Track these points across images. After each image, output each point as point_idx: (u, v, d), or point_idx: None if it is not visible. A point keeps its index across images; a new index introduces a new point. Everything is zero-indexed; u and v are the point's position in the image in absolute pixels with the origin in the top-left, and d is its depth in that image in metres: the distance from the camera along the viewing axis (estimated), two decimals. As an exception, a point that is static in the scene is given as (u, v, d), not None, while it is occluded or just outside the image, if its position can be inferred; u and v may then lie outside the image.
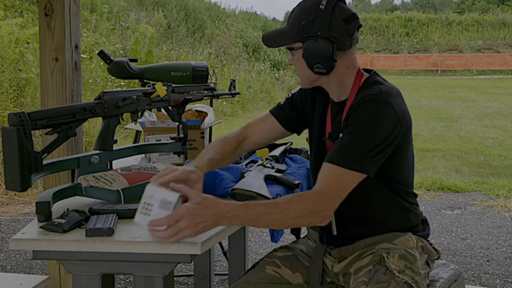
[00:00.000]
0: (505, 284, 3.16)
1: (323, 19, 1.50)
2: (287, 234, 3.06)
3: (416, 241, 1.61)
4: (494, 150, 7.55)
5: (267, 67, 16.13)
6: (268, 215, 1.36)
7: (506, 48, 29.04)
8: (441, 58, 27.63)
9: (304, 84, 1.65)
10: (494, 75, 25.09)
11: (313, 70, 1.54)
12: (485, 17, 32.72)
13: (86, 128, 6.02)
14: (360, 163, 1.44)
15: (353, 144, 1.46)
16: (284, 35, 1.58)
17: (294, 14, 1.58)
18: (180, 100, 1.90)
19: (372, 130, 1.46)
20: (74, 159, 1.69)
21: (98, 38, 10.09)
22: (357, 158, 1.44)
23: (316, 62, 1.52)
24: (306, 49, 1.52)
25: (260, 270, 1.62)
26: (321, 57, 1.51)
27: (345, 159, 1.44)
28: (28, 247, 1.38)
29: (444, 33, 31.18)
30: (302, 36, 1.53)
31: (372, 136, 1.45)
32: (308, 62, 1.54)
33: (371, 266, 1.49)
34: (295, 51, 1.57)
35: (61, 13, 2.58)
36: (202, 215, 1.30)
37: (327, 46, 1.50)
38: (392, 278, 1.46)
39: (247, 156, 2.12)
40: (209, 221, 1.31)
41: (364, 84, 1.59)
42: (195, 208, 1.30)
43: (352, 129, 1.47)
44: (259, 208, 1.37)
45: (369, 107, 1.48)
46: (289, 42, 1.57)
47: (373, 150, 1.45)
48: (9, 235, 4.05)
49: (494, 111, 12.00)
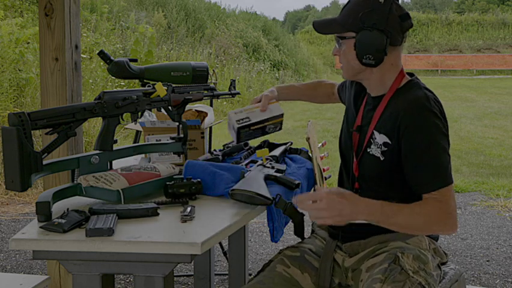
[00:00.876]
0: (505, 284, 3.16)
1: (382, 12, 1.54)
2: (287, 234, 3.06)
3: (429, 243, 1.63)
4: (494, 150, 7.55)
5: (267, 67, 16.13)
6: (401, 218, 1.45)
7: (506, 48, 29.04)
8: (441, 58, 27.62)
9: (347, 75, 1.69)
10: (494, 75, 25.08)
11: (362, 61, 1.57)
12: (485, 17, 32.72)
13: (86, 128, 6.02)
14: (450, 175, 1.51)
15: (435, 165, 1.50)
16: (337, 23, 1.62)
17: (351, 5, 1.61)
18: (180, 100, 1.90)
19: (439, 143, 1.52)
20: (74, 159, 1.69)
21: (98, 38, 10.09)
22: (446, 173, 1.50)
23: (367, 53, 1.56)
24: (359, 39, 1.56)
25: (271, 270, 1.63)
26: (374, 48, 1.55)
27: (440, 179, 1.49)
28: (28, 247, 1.38)
29: (444, 33, 31.18)
30: (357, 26, 1.56)
31: (442, 150, 1.51)
32: (359, 52, 1.57)
33: (386, 265, 1.50)
34: (346, 40, 1.60)
35: (61, 13, 2.58)
36: (340, 203, 1.40)
37: (382, 38, 1.54)
38: (407, 278, 1.47)
39: (247, 156, 2.12)
40: (346, 210, 1.40)
41: (405, 85, 1.63)
42: (335, 194, 1.40)
43: (421, 149, 1.51)
44: (393, 207, 1.45)
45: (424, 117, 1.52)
46: (342, 31, 1.60)
47: (448, 157, 1.53)
48: (9, 235, 4.05)
49: (494, 111, 11.99)
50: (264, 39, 18.00)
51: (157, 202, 1.59)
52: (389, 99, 1.61)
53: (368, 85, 1.68)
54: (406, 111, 1.54)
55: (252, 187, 1.62)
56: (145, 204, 1.55)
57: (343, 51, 1.62)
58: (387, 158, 1.58)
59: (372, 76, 1.64)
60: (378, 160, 1.59)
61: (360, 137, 1.67)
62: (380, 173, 1.60)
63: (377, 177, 1.62)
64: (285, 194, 1.73)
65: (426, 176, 1.51)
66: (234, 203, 1.63)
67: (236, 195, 1.61)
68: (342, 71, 1.68)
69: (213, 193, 1.74)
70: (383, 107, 1.62)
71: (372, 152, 1.61)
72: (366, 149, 1.63)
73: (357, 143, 1.67)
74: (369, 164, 1.62)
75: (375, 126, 1.61)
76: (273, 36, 19.44)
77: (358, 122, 1.69)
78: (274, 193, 1.65)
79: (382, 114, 1.61)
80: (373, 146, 1.61)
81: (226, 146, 2.22)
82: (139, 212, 1.51)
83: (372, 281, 1.46)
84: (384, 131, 1.59)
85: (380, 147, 1.59)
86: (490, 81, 21.93)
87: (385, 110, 1.61)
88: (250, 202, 1.61)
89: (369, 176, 1.64)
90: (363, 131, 1.66)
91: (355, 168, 1.66)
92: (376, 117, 1.62)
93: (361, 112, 1.70)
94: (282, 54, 18.13)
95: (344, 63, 1.65)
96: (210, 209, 1.62)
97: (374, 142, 1.61)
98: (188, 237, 1.37)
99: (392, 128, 1.56)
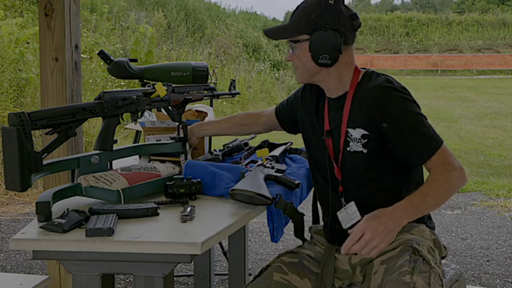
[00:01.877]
0: (505, 284, 3.16)
1: (333, 12, 1.57)
2: (287, 234, 3.05)
3: (430, 233, 1.65)
4: (494, 150, 7.55)
5: (267, 67, 16.13)
6: (429, 197, 1.49)
7: (506, 48, 29.04)
8: (441, 58, 27.62)
9: (303, 78, 1.70)
10: (494, 75, 25.08)
11: (318, 61, 1.59)
12: (485, 17, 32.71)
13: (86, 128, 6.02)
14: (438, 135, 1.58)
15: (423, 133, 1.56)
16: (289, 28, 1.64)
17: (300, 9, 1.64)
18: (180, 100, 1.90)
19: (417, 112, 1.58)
20: (74, 159, 1.69)
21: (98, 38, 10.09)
22: (435, 136, 1.57)
23: (323, 53, 1.58)
24: (314, 40, 1.58)
25: (267, 277, 1.61)
26: (330, 47, 1.57)
27: (432, 144, 1.55)
28: (28, 247, 1.38)
29: (444, 33, 31.17)
30: (311, 28, 1.58)
31: (421, 117, 1.58)
32: (315, 53, 1.59)
33: (407, 257, 1.50)
34: (299, 43, 1.62)
35: (61, 13, 2.58)
36: (380, 223, 1.42)
37: (336, 37, 1.57)
38: (430, 269, 1.49)
39: (247, 156, 2.12)
40: (389, 226, 1.43)
41: (364, 78, 1.66)
42: (370, 219, 1.44)
43: (402, 123, 1.57)
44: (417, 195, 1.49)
45: (392, 96, 1.58)
46: (295, 34, 1.63)
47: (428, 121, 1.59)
48: (9, 235, 4.05)
49: (494, 111, 12.00)
50: (264, 39, 18.00)
51: (157, 202, 1.59)
52: (353, 95, 1.64)
53: (326, 87, 1.69)
54: (375, 97, 1.59)
55: (252, 187, 1.62)
56: (145, 204, 1.55)
57: (297, 55, 1.65)
58: (370, 149, 1.60)
59: (329, 77, 1.66)
60: (361, 154, 1.61)
61: (334, 141, 1.67)
62: (365, 167, 1.62)
63: (362, 172, 1.63)
64: (285, 194, 1.73)
65: (419, 147, 1.56)
66: (234, 203, 1.63)
67: (236, 195, 1.61)
68: (297, 76, 1.71)
69: (213, 193, 1.74)
70: (349, 104, 1.64)
71: (353, 149, 1.62)
72: (345, 148, 1.64)
73: (331, 147, 1.68)
74: (352, 162, 1.63)
75: (347, 124, 1.63)
76: (273, 36, 19.41)
77: (326, 127, 1.69)
78: (274, 193, 1.65)
79: (350, 111, 1.63)
80: (352, 144, 1.63)
81: (226, 146, 2.22)
82: (139, 212, 1.51)
83: (399, 274, 1.45)
84: (359, 124, 1.61)
85: (360, 141, 1.61)
86: (490, 81, 21.93)
87: (352, 105, 1.63)
88: (250, 202, 1.61)
89: (355, 174, 1.64)
90: (334, 134, 1.67)
91: (337, 173, 1.67)
92: (345, 116, 1.64)
93: (326, 117, 1.70)
94: (282, 54, 18.12)
95: (299, 66, 1.66)
96: (210, 209, 1.62)
97: (351, 139, 1.63)
98: (188, 237, 1.37)
99: (367, 119, 1.59)
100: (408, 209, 1.47)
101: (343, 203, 1.66)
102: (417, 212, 1.50)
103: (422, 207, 1.50)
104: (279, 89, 15.42)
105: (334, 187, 1.69)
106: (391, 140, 1.58)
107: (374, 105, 1.58)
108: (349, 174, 1.65)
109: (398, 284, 1.41)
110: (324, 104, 1.73)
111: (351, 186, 1.66)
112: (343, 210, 1.64)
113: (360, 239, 1.42)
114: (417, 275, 1.43)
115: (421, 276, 1.43)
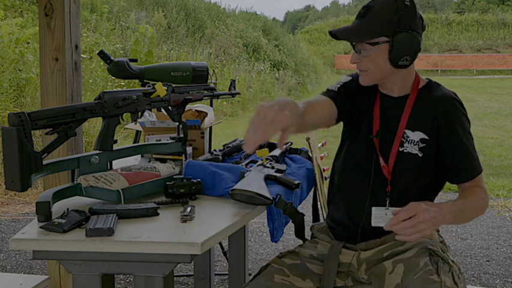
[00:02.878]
0: (505, 284, 3.16)
1: (412, 14, 1.58)
2: (287, 234, 3.05)
3: (437, 235, 1.69)
4: (494, 150, 7.55)
5: (267, 67, 16.12)
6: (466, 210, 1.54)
7: (506, 48, 29.04)
8: (441, 58, 27.61)
9: (372, 80, 1.67)
10: (494, 75, 25.07)
11: (398, 63, 1.59)
12: (485, 17, 32.72)
13: (86, 128, 6.02)
14: (479, 163, 1.65)
15: (473, 154, 1.63)
16: (365, 30, 1.60)
17: (375, 10, 1.60)
18: (180, 100, 1.90)
19: (469, 133, 1.66)
20: (74, 159, 1.69)
21: (98, 38, 10.09)
22: (478, 160, 1.64)
23: (405, 55, 1.58)
24: (397, 42, 1.56)
25: (268, 278, 1.61)
26: (412, 49, 1.59)
27: (478, 167, 1.63)
28: (28, 247, 1.38)
29: (444, 33, 31.18)
30: (391, 30, 1.57)
31: (472, 139, 1.65)
32: (396, 55, 1.58)
33: (427, 258, 1.53)
34: (377, 46, 1.59)
35: (61, 13, 2.58)
36: (429, 210, 1.40)
37: (417, 39, 1.59)
38: (450, 267, 1.52)
39: (247, 156, 2.12)
40: (437, 215, 1.42)
41: (428, 85, 1.69)
42: (420, 205, 1.41)
43: (461, 138, 1.62)
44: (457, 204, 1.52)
45: (459, 110, 1.65)
46: (374, 36, 1.59)
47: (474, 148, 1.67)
48: (9, 235, 4.05)
49: (494, 111, 12.00)
50: (264, 39, 17.99)
51: (157, 202, 1.59)
52: (415, 98, 1.66)
53: (390, 87, 1.68)
54: (445, 105, 1.63)
55: (252, 187, 1.62)
56: (145, 204, 1.55)
57: (371, 57, 1.60)
58: (425, 154, 1.62)
59: (397, 78, 1.66)
60: (416, 157, 1.62)
61: (383, 141, 1.65)
62: (417, 170, 1.63)
63: (413, 175, 1.63)
64: (285, 194, 1.73)
65: (468, 165, 1.62)
66: (234, 203, 1.63)
67: (236, 195, 1.61)
68: (364, 77, 1.65)
69: (213, 193, 1.74)
70: (411, 105, 1.65)
71: (408, 150, 1.63)
72: (399, 149, 1.63)
73: (379, 147, 1.66)
74: (405, 162, 1.63)
75: (407, 125, 1.64)
76: (273, 36, 19.43)
77: (376, 127, 1.67)
78: (274, 193, 1.65)
79: (412, 113, 1.64)
80: (406, 145, 1.63)
81: (226, 146, 2.22)
82: (139, 212, 1.51)
83: (426, 273, 1.47)
84: (419, 127, 1.63)
85: (417, 144, 1.62)
86: (490, 81, 21.93)
87: (414, 108, 1.65)
88: (250, 202, 1.61)
89: (405, 175, 1.63)
90: (385, 134, 1.65)
91: (387, 172, 1.63)
92: (405, 116, 1.64)
93: (377, 116, 1.68)
94: (282, 54, 18.12)
95: (371, 68, 1.62)
96: (210, 209, 1.62)
97: (407, 140, 1.63)
98: (188, 237, 1.37)
99: (429, 123, 1.62)
100: (450, 212, 1.48)
101: (387, 204, 1.63)
102: (453, 218, 1.50)
103: (457, 216, 1.52)
104: (279, 89, 15.41)
105: (380, 187, 1.65)
106: (445, 150, 1.62)
107: (441, 113, 1.61)
108: (401, 174, 1.63)
109: (426, 283, 1.43)
110: (374, 102, 1.71)
111: (400, 187, 1.63)
112: (383, 209, 1.61)
113: (411, 218, 1.38)
114: (443, 275, 1.47)
115: (447, 276, 1.47)
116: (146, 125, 2.24)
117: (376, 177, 1.65)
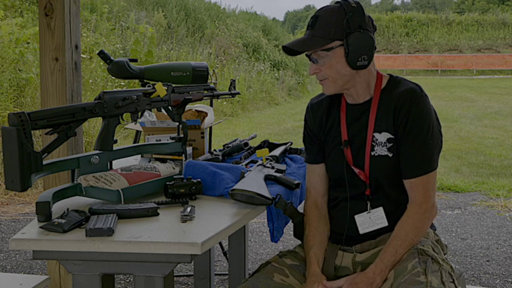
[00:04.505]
0: (505, 284, 3.16)
1: (361, 14, 1.58)
2: (287, 234, 3.05)
3: (433, 234, 1.67)
4: (494, 150, 7.54)
5: (267, 67, 16.12)
6: (400, 248, 1.55)
7: (506, 48, 29.04)
8: (441, 58, 27.63)
9: (335, 88, 1.64)
10: (494, 75, 25.09)
11: (356, 64, 1.57)
12: (485, 17, 32.71)
13: (86, 128, 6.02)
14: (434, 161, 1.60)
15: (426, 150, 1.59)
16: (318, 37, 1.59)
17: (323, 17, 1.59)
18: (180, 100, 1.90)
19: (431, 126, 1.59)
20: (74, 159, 1.69)
21: (98, 38, 10.09)
22: (431, 159, 1.59)
23: (361, 54, 1.57)
24: (351, 43, 1.55)
25: (268, 277, 1.61)
26: (367, 48, 1.57)
27: (425, 166, 1.58)
28: (28, 247, 1.38)
29: (444, 33, 31.17)
30: (343, 33, 1.56)
31: (435, 134, 1.60)
32: (352, 56, 1.56)
33: (416, 259, 1.52)
34: (332, 51, 1.58)
35: (61, 13, 2.58)
36: None
37: (370, 36, 1.57)
38: (440, 266, 1.51)
39: (247, 156, 2.12)
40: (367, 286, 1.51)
41: (390, 82, 1.66)
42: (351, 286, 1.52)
43: (414, 135, 1.58)
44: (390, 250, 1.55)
45: (418, 105, 1.59)
46: (327, 42, 1.58)
47: (440, 142, 1.64)
48: (9, 235, 4.05)
49: (494, 111, 12.00)
50: (264, 39, 18.00)
51: (157, 202, 1.59)
52: (379, 99, 1.64)
53: (354, 93, 1.66)
54: (403, 101, 1.59)
55: (252, 187, 1.62)
56: (145, 204, 1.55)
57: (329, 64, 1.60)
58: (394, 153, 1.61)
59: (359, 81, 1.63)
60: (386, 158, 1.61)
61: (355, 148, 1.65)
62: (391, 170, 1.62)
63: (388, 175, 1.63)
64: (285, 194, 1.73)
65: (415, 162, 1.58)
66: (234, 203, 1.64)
67: (236, 195, 1.61)
68: (326, 85, 1.64)
69: (213, 193, 1.74)
70: (375, 107, 1.63)
71: (378, 153, 1.62)
72: (370, 153, 1.63)
73: (350, 155, 1.66)
74: (379, 165, 1.63)
75: (374, 128, 1.62)
76: (273, 36, 19.44)
77: (344, 137, 1.67)
78: (274, 193, 1.65)
79: (377, 115, 1.63)
80: (377, 148, 1.62)
81: (226, 146, 2.22)
82: (139, 212, 1.51)
83: (412, 275, 1.47)
84: (385, 128, 1.61)
85: (385, 145, 1.61)
86: (490, 81, 21.94)
87: (378, 109, 1.63)
88: (250, 202, 1.61)
89: (381, 177, 1.63)
90: (355, 141, 1.65)
91: (364, 177, 1.64)
92: (372, 120, 1.63)
93: (344, 125, 1.68)
94: (282, 54, 18.11)
95: (331, 75, 1.61)
96: (210, 209, 1.62)
97: (376, 143, 1.62)
98: (188, 237, 1.37)
99: (391, 122, 1.60)
100: (384, 271, 1.54)
101: (368, 207, 1.64)
102: (391, 266, 1.55)
103: (395, 259, 1.55)
104: (279, 89, 15.41)
105: (358, 192, 1.66)
106: (400, 147, 1.60)
107: (400, 107, 1.59)
108: (377, 176, 1.63)
109: (413, 284, 1.43)
110: (339, 113, 1.70)
111: (377, 191, 1.65)
112: (365, 214, 1.63)
113: None
114: (431, 275, 1.46)
115: (435, 276, 1.46)
116: (146, 125, 2.24)
117: (352, 184, 1.66)
